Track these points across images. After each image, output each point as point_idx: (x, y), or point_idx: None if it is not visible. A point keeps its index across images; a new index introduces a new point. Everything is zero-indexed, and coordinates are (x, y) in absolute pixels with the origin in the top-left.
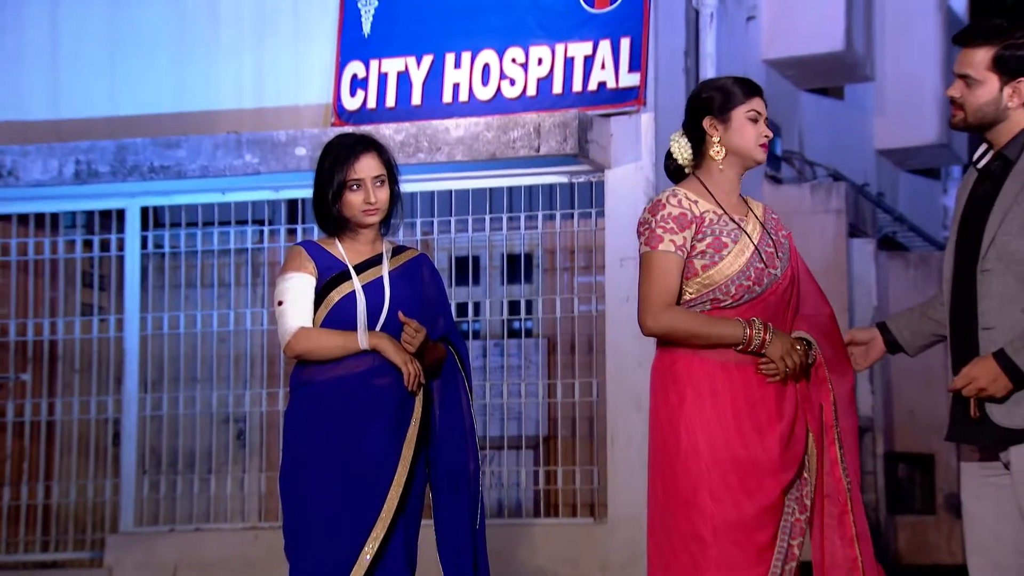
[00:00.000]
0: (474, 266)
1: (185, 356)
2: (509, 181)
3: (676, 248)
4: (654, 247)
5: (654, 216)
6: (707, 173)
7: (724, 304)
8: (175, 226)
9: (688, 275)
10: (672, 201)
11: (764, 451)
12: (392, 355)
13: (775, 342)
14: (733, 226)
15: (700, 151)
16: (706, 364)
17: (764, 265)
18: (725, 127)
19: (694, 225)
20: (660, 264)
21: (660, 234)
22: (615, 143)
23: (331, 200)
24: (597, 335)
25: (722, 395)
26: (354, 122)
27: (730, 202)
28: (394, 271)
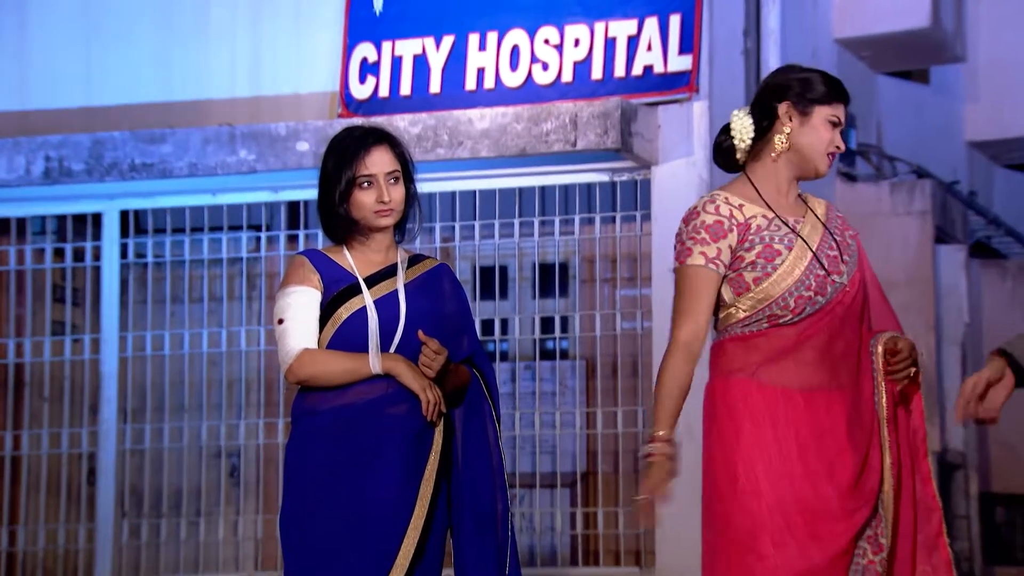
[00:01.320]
0: (501, 277)
1: (171, 381)
2: (541, 180)
3: (708, 261)
4: (683, 261)
5: (687, 226)
6: (760, 166)
7: (784, 320)
8: (159, 232)
9: (739, 290)
10: (708, 208)
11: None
12: (409, 380)
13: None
14: (786, 230)
15: (763, 137)
16: (766, 391)
17: (826, 272)
18: (801, 120)
19: (735, 233)
20: (687, 280)
21: (689, 246)
22: (663, 136)
23: (338, 201)
24: (642, 356)
25: (785, 426)
26: (364, 113)
27: (783, 203)
28: (411, 283)
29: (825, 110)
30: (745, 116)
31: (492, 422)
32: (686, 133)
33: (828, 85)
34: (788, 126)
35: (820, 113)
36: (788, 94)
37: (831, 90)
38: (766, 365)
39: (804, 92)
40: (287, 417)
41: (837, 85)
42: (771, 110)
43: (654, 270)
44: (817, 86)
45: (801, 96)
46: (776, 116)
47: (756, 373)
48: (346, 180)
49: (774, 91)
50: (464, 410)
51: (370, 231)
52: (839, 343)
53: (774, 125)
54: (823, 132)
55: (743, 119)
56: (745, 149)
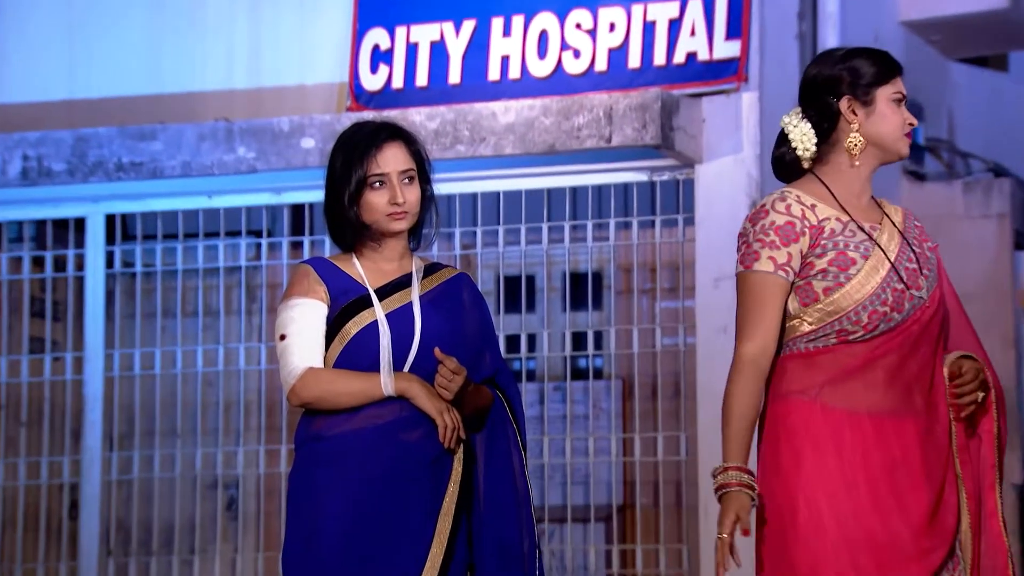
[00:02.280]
0: (528, 288)
1: (162, 404)
2: (572, 180)
3: (777, 267)
4: (748, 266)
5: (754, 226)
6: (833, 169)
7: (854, 337)
8: (149, 239)
9: (807, 300)
10: (779, 207)
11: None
12: (424, 403)
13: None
14: (863, 237)
15: (827, 140)
16: (831, 414)
17: (905, 286)
18: (866, 112)
19: (807, 237)
20: (754, 288)
21: (757, 249)
22: (708, 130)
23: (347, 203)
24: (685, 375)
25: (851, 453)
26: (376, 106)
27: (859, 206)
28: (427, 295)
29: (886, 90)
30: (801, 122)
31: (517, 449)
32: (733, 127)
33: (878, 63)
34: (854, 121)
35: (882, 96)
36: (843, 88)
37: (883, 67)
38: (831, 386)
39: (857, 80)
40: (290, 443)
41: (886, 59)
42: (830, 110)
43: (698, 280)
44: (867, 69)
45: (856, 85)
46: (838, 115)
47: (819, 395)
48: (356, 180)
49: (826, 88)
50: (486, 436)
51: (382, 236)
52: (912, 365)
53: (837, 125)
54: (891, 115)
55: (800, 126)
56: (810, 157)
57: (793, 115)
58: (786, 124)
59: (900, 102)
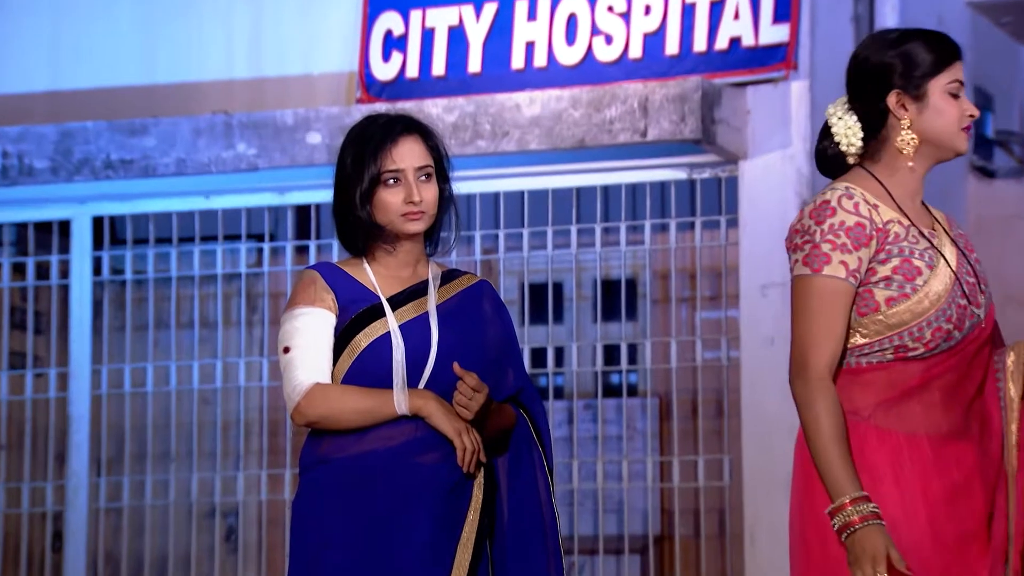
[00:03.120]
0: (556, 296)
1: (154, 425)
2: (604, 178)
3: (848, 273)
4: (817, 269)
5: (820, 224)
6: (886, 167)
7: (913, 354)
8: (140, 243)
9: (864, 310)
10: (846, 204)
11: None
12: (441, 423)
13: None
14: (925, 244)
15: (876, 136)
16: (888, 436)
17: (967, 301)
18: (919, 106)
19: (874, 241)
20: (824, 295)
21: (827, 251)
22: (754, 123)
23: (359, 202)
24: (728, 392)
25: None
26: (388, 97)
27: (914, 208)
28: (444, 305)
29: (941, 81)
30: (846, 115)
31: (544, 473)
32: (781, 120)
33: (934, 49)
34: (905, 117)
35: (936, 88)
36: (892, 79)
37: (940, 53)
38: (885, 406)
39: (910, 70)
40: (295, 467)
41: (943, 43)
42: (878, 104)
43: (743, 287)
44: (922, 56)
45: (908, 77)
46: (887, 111)
47: (873, 416)
48: (369, 177)
49: (874, 79)
50: (509, 459)
51: (396, 239)
52: (968, 386)
53: (887, 121)
54: (948, 108)
55: (845, 119)
56: (856, 153)
57: (839, 105)
58: (830, 115)
59: (958, 92)
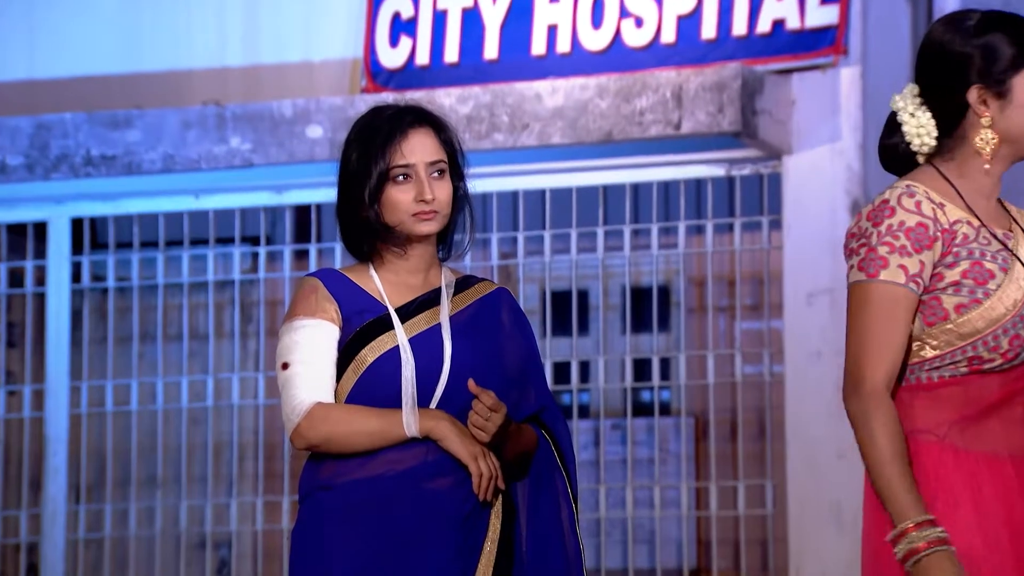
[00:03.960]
0: (581, 306)
1: (139, 447)
2: (634, 175)
3: (908, 278)
4: (874, 274)
5: (877, 226)
6: (958, 165)
7: (989, 366)
8: (124, 247)
9: (933, 319)
10: (907, 203)
11: None
12: (455, 446)
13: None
14: (998, 245)
15: (951, 133)
16: (964, 458)
17: None
18: (1001, 104)
19: (939, 243)
20: (881, 302)
21: (885, 255)
22: (799, 114)
23: (366, 201)
24: (772, 411)
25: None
26: (396, 86)
27: (987, 208)
28: (459, 315)
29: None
30: (918, 110)
31: (568, 501)
32: (830, 110)
33: (1017, 41)
34: (986, 115)
35: (1020, 82)
36: (972, 73)
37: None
38: (962, 424)
39: (991, 65)
40: (294, 494)
41: None
42: (955, 99)
43: (787, 295)
44: (1005, 49)
45: (989, 71)
46: (965, 106)
47: (948, 435)
48: (376, 174)
49: (952, 71)
50: (530, 485)
51: (406, 242)
52: None
53: (965, 117)
54: None
55: (917, 116)
56: (928, 151)
57: (908, 98)
58: (900, 110)
59: None
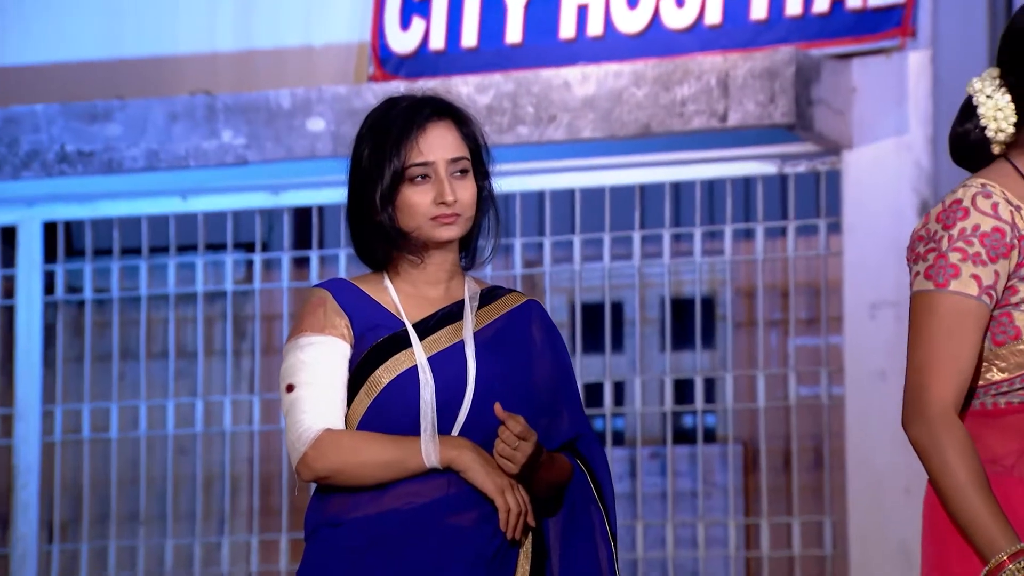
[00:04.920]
0: (615, 320)
1: (120, 479)
2: (674, 172)
3: (981, 290)
4: (943, 284)
5: (948, 229)
6: None
7: None
8: (102, 255)
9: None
10: (982, 204)
11: None
12: (480, 477)
13: None
14: None
15: None
16: None
17: None
18: None
19: (1016, 252)
20: (949, 316)
21: (956, 262)
22: (861, 104)
23: (379, 204)
24: (830, 438)
25: None
26: (408, 74)
27: None
28: (484, 331)
29: None
30: (996, 92)
31: (605, 539)
32: (896, 99)
33: None
34: None
35: None
36: None
37: None
38: None
39: None
40: (292, 532)
41: None
42: None
43: (847, 308)
44: None
45: None
46: None
47: (1016, 466)
48: (391, 173)
49: None
50: (563, 522)
51: (425, 249)
52: None
53: None
54: None
55: (995, 98)
56: (1005, 140)
57: (986, 80)
58: (976, 92)
59: None
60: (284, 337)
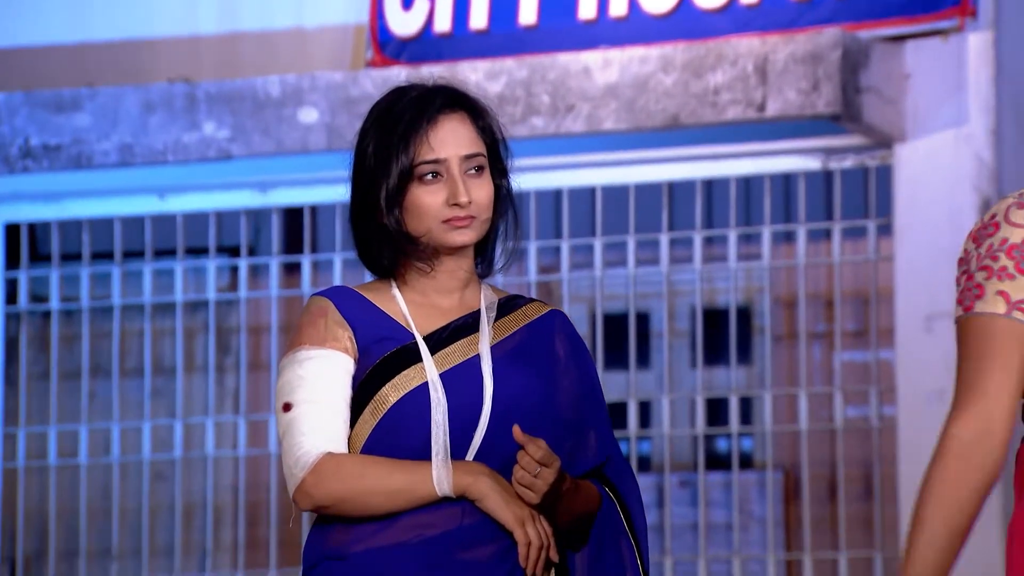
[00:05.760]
0: (640, 332)
1: (90, 509)
2: (706, 168)
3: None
4: (969, 307)
5: (978, 247)
6: None
7: None
8: (70, 260)
9: None
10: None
11: None
12: (498, 508)
13: None
14: None
15: None
16: None
17: None
18: None
19: None
20: (976, 340)
21: (980, 281)
22: (914, 92)
23: (385, 205)
24: (881, 465)
25: None
26: (409, 59)
27: None
28: (503, 344)
29: None
30: None
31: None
32: (954, 86)
33: None
34: None
35: None
36: None
37: None
38: None
39: None
40: (285, 567)
41: None
42: None
43: (899, 319)
44: None
45: None
46: None
47: None
48: (398, 171)
49: None
50: (590, 556)
51: (436, 255)
52: None
53: None
54: None
55: None
56: None
57: None
58: None
59: None
60: (272, 351)
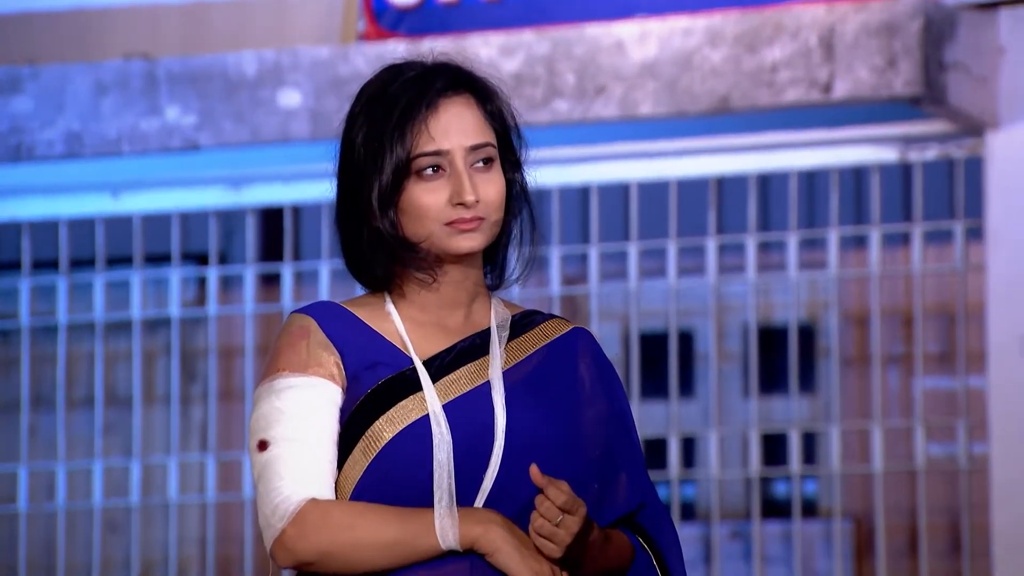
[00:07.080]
0: (683, 354)
1: (30, 563)
2: (762, 160)
3: None
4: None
5: None
6: None
7: None
8: (8, 270)
9: None
10: None
11: None
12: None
13: None
14: None
15: None
16: None
17: None
18: None
19: None
20: None
21: None
22: (1009, 70)
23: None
24: (971, 512)
25: None
26: (409, 31)
27: None
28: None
29: None
30: None
31: None
32: None
33: None
34: None
35: None
36: None
37: None
38: None
39: None
40: None
41: None
42: None
43: (991, 339)
44: None
45: None
46: None
47: None
48: (393, 165)
49: None
50: None
51: (438, 264)
52: None
53: None
54: None
55: None
56: None
57: None
58: None
59: None
60: (247, 378)
